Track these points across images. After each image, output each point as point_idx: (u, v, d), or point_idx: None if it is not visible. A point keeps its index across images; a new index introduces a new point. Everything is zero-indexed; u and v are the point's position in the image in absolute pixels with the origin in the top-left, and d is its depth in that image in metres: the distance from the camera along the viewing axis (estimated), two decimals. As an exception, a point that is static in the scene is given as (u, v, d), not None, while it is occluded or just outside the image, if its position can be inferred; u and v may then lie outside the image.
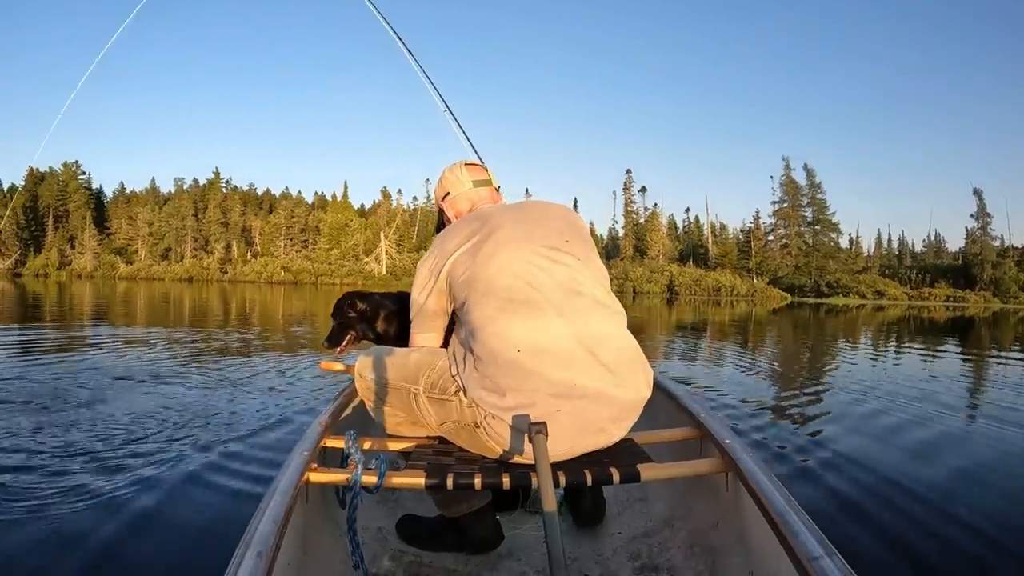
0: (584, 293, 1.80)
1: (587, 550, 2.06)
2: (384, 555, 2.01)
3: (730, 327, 17.41)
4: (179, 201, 78.79)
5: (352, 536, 1.60)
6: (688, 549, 1.93)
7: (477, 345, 1.73)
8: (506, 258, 1.80)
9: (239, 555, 1.20)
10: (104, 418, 4.06)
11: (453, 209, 2.21)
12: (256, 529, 1.29)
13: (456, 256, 1.88)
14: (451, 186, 2.23)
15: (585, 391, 1.68)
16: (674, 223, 79.19)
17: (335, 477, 1.71)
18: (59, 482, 2.86)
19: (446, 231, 2.01)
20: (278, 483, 1.52)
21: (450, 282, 1.88)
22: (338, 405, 2.26)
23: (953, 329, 19.58)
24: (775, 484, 1.55)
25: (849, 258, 64.08)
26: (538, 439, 1.49)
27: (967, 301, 49.44)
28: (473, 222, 1.94)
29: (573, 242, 1.91)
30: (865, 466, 3.50)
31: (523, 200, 2.17)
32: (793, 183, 61.68)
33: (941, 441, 4.26)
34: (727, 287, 52.83)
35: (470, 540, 2.00)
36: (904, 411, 5.10)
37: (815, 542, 1.27)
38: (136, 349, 7.82)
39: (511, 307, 1.74)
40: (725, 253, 64.62)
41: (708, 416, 2.09)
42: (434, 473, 1.67)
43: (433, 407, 1.83)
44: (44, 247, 76.60)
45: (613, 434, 1.79)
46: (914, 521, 2.77)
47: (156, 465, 3.14)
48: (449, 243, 1.92)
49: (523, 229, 1.88)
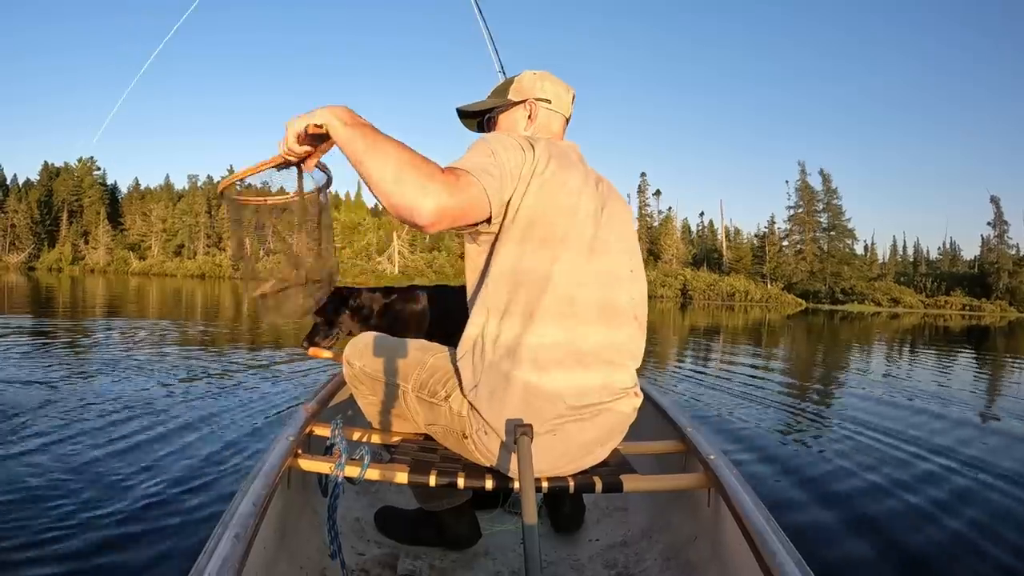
0: (618, 313, 1.62)
1: (563, 555, 2.05)
2: (362, 545, 2.02)
3: (743, 333, 17.23)
4: (193, 198, 79.15)
5: (331, 525, 1.57)
6: (664, 561, 1.92)
7: (497, 347, 1.53)
8: (579, 262, 1.55)
9: (217, 535, 1.19)
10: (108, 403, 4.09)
11: (544, 119, 1.78)
12: (236, 511, 1.28)
13: (544, 179, 1.51)
14: (555, 96, 1.79)
15: (582, 415, 1.57)
16: (688, 227, 78.78)
17: (318, 465, 1.69)
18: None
19: (560, 145, 1.65)
20: (261, 467, 1.52)
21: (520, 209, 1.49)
22: (326, 392, 2.23)
23: (969, 338, 19.31)
24: (757, 503, 1.52)
25: (864, 265, 63.43)
26: (522, 441, 1.42)
27: (983, 310, 48.63)
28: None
29: (636, 266, 1.72)
30: (856, 491, 3.38)
31: (601, 179, 1.72)
32: (809, 188, 60.93)
33: (941, 476, 3.80)
34: (741, 292, 52.17)
35: (447, 536, 1.97)
36: (910, 437, 4.71)
37: (793, 565, 1.25)
38: (148, 339, 7.70)
39: (557, 319, 1.52)
40: (739, 258, 64.21)
41: (694, 430, 2.06)
42: (417, 469, 1.65)
43: (421, 407, 1.72)
44: (58, 242, 77.23)
45: (599, 456, 1.70)
46: (899, 549, 2.70)
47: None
48: (558, 160, 1.55)
49: (607, 237, 1.62)
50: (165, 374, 5.57)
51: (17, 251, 74.12)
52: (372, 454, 1.63)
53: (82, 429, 3.57)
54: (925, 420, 5.30)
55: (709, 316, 27.01)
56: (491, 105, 1.82)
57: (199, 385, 5.16)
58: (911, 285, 58.23)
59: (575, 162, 1.63)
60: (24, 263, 70.41)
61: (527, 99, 1.77)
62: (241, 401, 4.61)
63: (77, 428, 3.58)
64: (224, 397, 4.73)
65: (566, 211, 1.52)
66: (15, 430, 3.48)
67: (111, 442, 3.36)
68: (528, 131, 1.76)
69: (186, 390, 4.90)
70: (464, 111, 1.87)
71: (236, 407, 4.39)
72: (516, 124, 1.79)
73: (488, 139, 1.49)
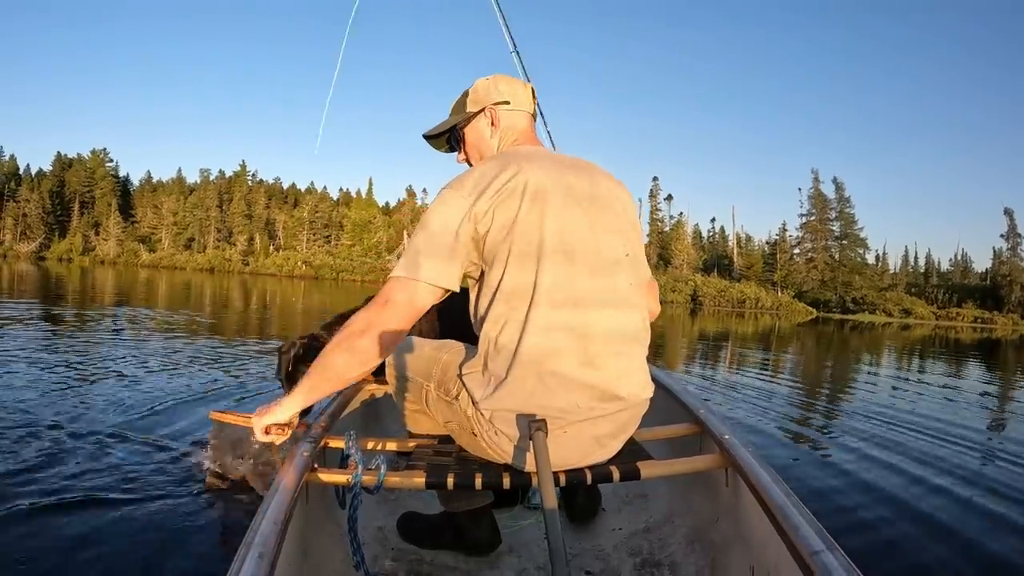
0: (620, 301, 1.62)
1: (587, 546, 2.07)
2: (385, 554, 2.00)
3: (752, 339, 17.19)
4: (204, 192, 79.56)
5: (353, 536, 1.58)
6: (689, 545, 1.94)
7: (500, 351, 1.55)
8: (568, 261, 1.56)
9: (240, 556, 1.19)
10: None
11: (506, 122, 1.78)
12: (257, 530, 1.28)
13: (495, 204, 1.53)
14: (512, 96, 1.79)
15: (591, 412, 1.56)
16: (699, 233, 78.51)
17: (335, 477, 1.68)
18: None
19: (495, 161, 1.62)
20: (279, 484, 1.50)
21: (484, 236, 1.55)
22: (338, 405, 2.22)
23: (980, 351, 19.19)
24: (775, 479, 1.55)
25: (875, 275, 63.09)
26: (538, 436, 1.44)
27: (995, 323, 48.11)
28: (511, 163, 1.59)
29: (632, 249, 1.70)
30: (871, 465, 3.65)
31: (580, 162, 1.73)
32: (822, 196, 60.65)
33: (951, 451, 4.31)
34: (752, 299, 51.88)
35: (467, 542, 1.95)
36: (917, 422, 5.17)
37: (816, 536, 1.27)
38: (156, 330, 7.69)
39: (551, 312, 1.53)
40: (750, 265, 64.02)
41: (707, 412, 2.09)
42: (434, 473, 1.64)
43: (440, 405, 1.74)
44: (69, 232, 77.64)
45: (613, 449, 1.70)
46: (917, 518, 2.84)
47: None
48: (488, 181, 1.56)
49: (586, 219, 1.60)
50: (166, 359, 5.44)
51: (28, 240, 74.56)
52: (388, 462, 1.62)
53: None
54: (935, 435, 5.08)
55: (719, 322, 26.91)
56: (453, 123, 1.84)
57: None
58: (922, 296, 57.78)
59: (537, 173, 1.58)
60: (34, 252, 70.83)
61: (485, 107, 1.78)
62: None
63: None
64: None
65: (534, 225, 1.52)
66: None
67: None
68: (495, 137, 1.79)
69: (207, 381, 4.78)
70: (429, 135, 1.91)
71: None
72: (482, 134, 1.80)
73: (421, 223, 1.58)
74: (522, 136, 1.79)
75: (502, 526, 2.03)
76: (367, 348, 1.48)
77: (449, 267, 1.50)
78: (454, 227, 1.51)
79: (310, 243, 72.21)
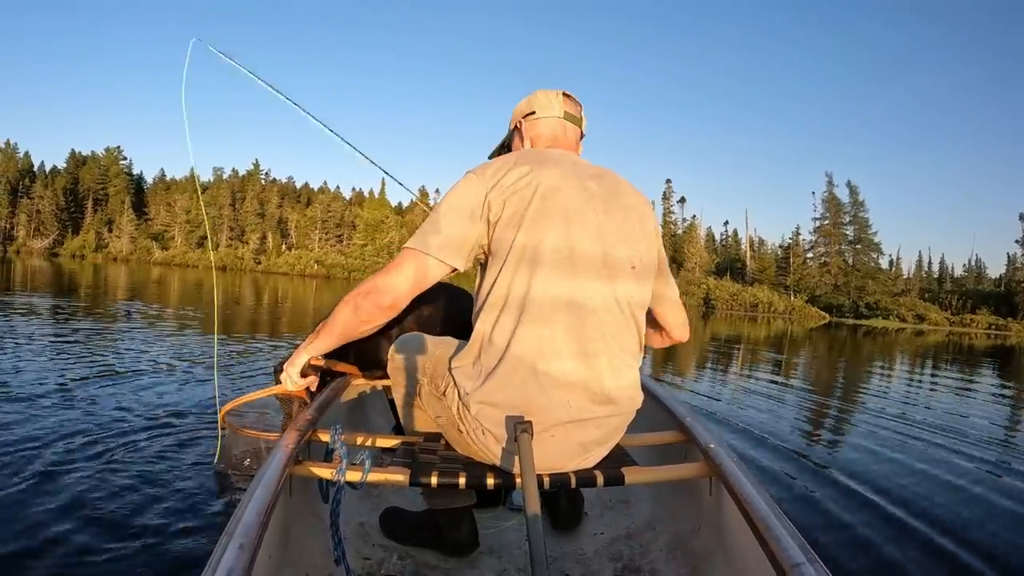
0: (618, 310, 1.63)
1: (568, 549, 2.07)
2: (367, 549, 2.03)
3: (764, 344, 17.13)
4: (217, 190, 79.86)
5: (335, 531, 1.57)
6: (670, 552, 1.95)
7: (493, 344, 1.57)
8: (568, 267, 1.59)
9: (222, 545, 1.19)
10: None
11: (531, 132, 1.87)
12: (239, 521, 1.28)
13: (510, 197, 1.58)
14: (539, 106, 1.87)
15: (582, 413, 1.57)
16: (712, 236, 78.29)
17: (319, 471, 1.67)
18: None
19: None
20: (262, 475, 1.50)
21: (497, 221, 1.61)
22: (325, 398, 2.20)
23: (995, 357, 19.08)
24: (758, 490, 1.54)
25: (889, 280, 62.53)
26: (523, 438, 1.45)
27: (1009, 330, 47.60)
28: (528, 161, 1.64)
29: (641, 262, 1.70)
30: (870, 477, 3.67)
31: (605, 172, 1.77)
32: (835, 200, 60.04)
33: (955, 465, 4.28)
34: (764, 303, 51.50)
35: (446, 542, 1.98)
36: (925, 434, 5.15)
37: (797, 548, 1.27)
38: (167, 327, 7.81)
39: (543, 315, 1.54)
40: (763, 268, 63.63)
41: (693, 420, 2.08)
42: (418, 471, 1.65)
43: (432, 400, 1.77)
44: (82, 229, 78.14)
45: (599, 455, 1.72)
46: (900, 535, 2.84)
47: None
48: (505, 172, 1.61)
49: (597, 229, 1.61)
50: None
51: (41, 237, 75.12)
52: (373, 458, 1.63)
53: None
54: (941, 446, 5.00)
55: (731, 326, 26.83)
56: (502, 142, 2.03)
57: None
58: (936, 302, 57.38)
59: (552, 174, 1.62)
60: (48, 249, 71.32)
61: (518, 122, 1.91)
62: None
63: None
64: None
65: (539, 224, 1.55)
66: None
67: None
68: (525, 147, 1.86)
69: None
70: (491, 156, 2.04)
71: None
72: (518, 147, 1.91)
73: (442, 200, 1.65)
74: (552, 141, 1.84)
75: (484, 527, 2.06)
76: (369, 308, 1.61)
77: (460, 247, 1.57)
78: (471, 209, 1.57)
79: (322, 242, 72.39)
